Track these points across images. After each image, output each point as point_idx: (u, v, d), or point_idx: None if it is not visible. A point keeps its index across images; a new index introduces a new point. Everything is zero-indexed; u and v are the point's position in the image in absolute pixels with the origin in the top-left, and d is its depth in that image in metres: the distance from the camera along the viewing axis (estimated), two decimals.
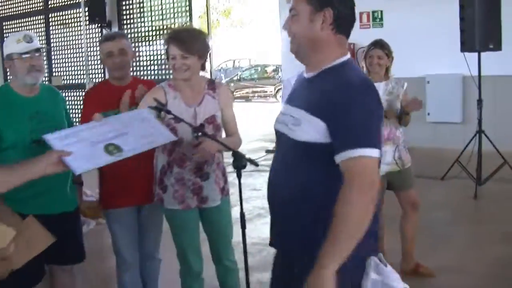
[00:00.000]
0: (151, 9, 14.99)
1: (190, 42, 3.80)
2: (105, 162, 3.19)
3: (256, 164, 3.51)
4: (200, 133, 3.69)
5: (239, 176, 3.46)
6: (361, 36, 11.03)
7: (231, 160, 3.46)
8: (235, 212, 7.28)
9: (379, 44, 5.11)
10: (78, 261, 4.22)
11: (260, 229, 6.85)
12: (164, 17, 14.66)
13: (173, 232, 4.10)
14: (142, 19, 15.12)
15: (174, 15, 14.41)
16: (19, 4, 17.89)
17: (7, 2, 18.25)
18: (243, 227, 3.53)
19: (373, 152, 2.23)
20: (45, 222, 3.01)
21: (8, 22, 18.31)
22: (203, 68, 3.99)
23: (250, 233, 6.63)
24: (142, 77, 13.96)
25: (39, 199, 3.79)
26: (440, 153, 10.12)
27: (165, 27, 14.60)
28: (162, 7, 14.65)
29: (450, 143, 10.25)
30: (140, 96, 4.01)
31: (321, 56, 2.47)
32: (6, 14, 18.35)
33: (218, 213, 4.10)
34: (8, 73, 3.98)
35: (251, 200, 8.15)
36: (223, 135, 4.17)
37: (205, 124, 3.91)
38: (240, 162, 3.41)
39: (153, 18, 14.99)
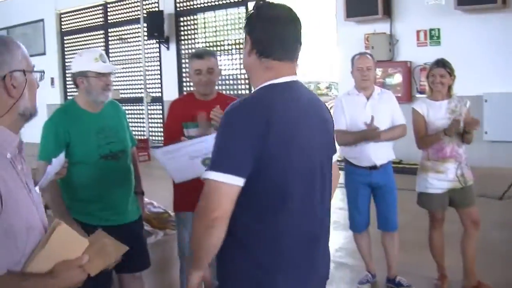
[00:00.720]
0: (207, 25, 15.24)
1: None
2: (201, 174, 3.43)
3: None
4: None
5: None
6: (418, 54, 11.20)
7: None
8: None
9: (442, 63, 5.15)
10: (144, 268, 4.29)
11: None
12: (221, 33, 14.88)
13: None
14: (198, 35, 15.37)
15: (231, 31, 14.63)
16: (80, 19, 18.40)
17: (69, 17, 18.74)
18: None
19: (219, 177, 2.23)
20: (113, 232, 3.10)
21: (70, 37, 18.82)
22: None
23: None
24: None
25: (106, 212, 3.92)
26: (498, 173, 10.01)
27: (221, 43, 14.84)
28: (217, 24, 14.89)
29: (508, 162, 10.16)
30: (214, 117, 4.10)
31: (254, 80, 2.53)
32: (67, 29, 18.85)
33: None
34: (77, 89, 4.03)
35: None
36: None
37: None
38: None
39: (208, 35, 15.24)
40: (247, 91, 14.28)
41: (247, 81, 14.27)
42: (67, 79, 18.98)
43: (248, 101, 2.38)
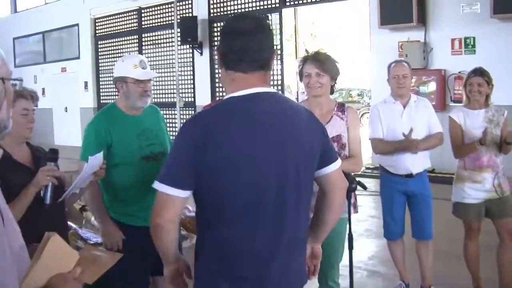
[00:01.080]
0: None
1: (325, 61, 4.04)
2: None
3: (365, 187, 3.59)
4: None
5: (348, 198, 3.54)
6: (452, 63, 11.10)
7: None
8: None
9: (479, 72, 5.11)
10: None
11: (358, 251, 6.86)
12: None
13: None
14: None
15: None
16: (114, 24, 18.56)
17: (103, 22, 18.94)
18: (351, 248, 3.60)
19: (163, 188, 2.41)
20: (149, 234, 3.17)
21: (104, 41, 19.01)
22: (332, 91, 4.19)
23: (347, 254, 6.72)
24: None
25: (145, 212, 3.94)
26: None
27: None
28: None
29: None
30: None
31: (226, 93, 2.56)
32: (101, 34, 19.05)
33: (332, 231, 4.08)
34: (118, 92, 4.08)
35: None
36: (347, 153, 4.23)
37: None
38: (350, 185, 3.47)
39: None
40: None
41: (279, 87, 14.27)
42: (101, 83, 19.19)
43: (195, 116, 2.51)
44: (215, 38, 15.60)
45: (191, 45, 15.56)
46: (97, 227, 4.86)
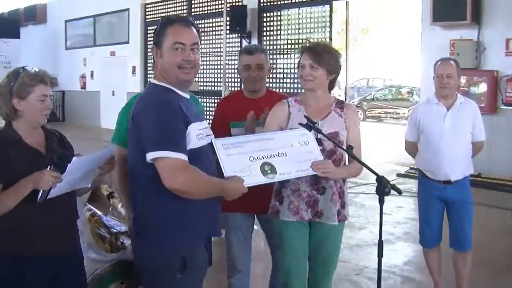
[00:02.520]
0: (291, 22, 15.08)
1: (321, 54, 3.73)
2: (256, 182, 3.26)
3: (400, 192, 3.36)
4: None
5: (381, 202, 3.34)
6: (506, 64, 10.70)
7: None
8: (363, 236, 7.30)
9: None
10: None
11: (387, 256, 6.58)
12: (303, 31, 14.69)
13: (281, 250, 3.93)
14: (281, 32, 15.22)
15: (314, 29, 14.42)
16: (164, 10, 18.56)
17: (154, 8, 18.96)
18: (380, 255, 3.39)
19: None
20: None
21: (153, 27, 18.94)
22: (331, 86, 3.90)
23: (377, 258, 6.49)
24: (276, 89, 14.07)
25: None
26: None
27: (304, 41, 14.61)
28: (301, 21, 14.69)
29: None
30: (263, 120, 4.03)
31: None
32: (151, 19, 19.07)
33: (328, 236, 3.87)
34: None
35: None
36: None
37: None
38: (384, 188, 3.28)
39: (291, 32, 15.07)
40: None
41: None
42: (148, 68, 19.21)
43: None
44: (264, 28, 15.44)
45: (239, 34, 15.43)
46: (123, 215, 4.76)
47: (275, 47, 15.16)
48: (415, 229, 7.02)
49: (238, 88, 15.53)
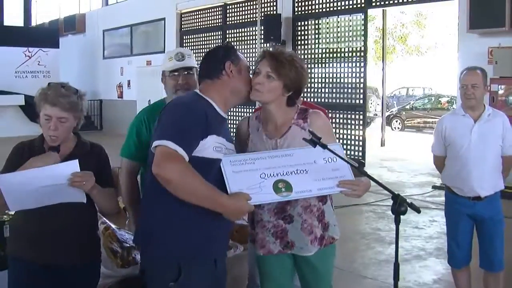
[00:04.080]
0: (326, 31, 14.88)
1: (283, 63, 3.25)
2: (266, 200, 3.07)
3: (418, 211, 3.11)
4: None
5: (397, 223, 3.08)
6: None
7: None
8: (393, 251, 7.03)
9: None
10: None
11: (417, 272, 6.37)
12: (339, 40, 14.48)
13: (262, 282, 3.61)
14: (317, 41, 15.03)
15: (349, 38, 14.20)
16: (199, 19, 18.59)
17: (189, 17, 19.02)
18: (396, 279, 3.15)
19: None
20: None
21: (189, 36, 19.05)
22: (290, 102, 3.38)
23: (406, 275, 6.24)
24: (313, 100, 13.91)
25: None
26: None
27: (339, 50, 14.41)
28: (337, 30, 14.48)
29: None
30: None
31: None
32: (187, 29, 19.10)
33: (313, 265, 3.46)
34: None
35: (411, 239, 7.65)
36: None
37: None
38: (399, 207, 3.02)
39: (327, 41, 14.87)
40: (362, 101, 13.79)
41: (361, 90, 13.79)
42: None
43: None
44: (299, 37, 15.27)
45: (274, 44, 15.27)
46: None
47: (310, 56, 14.95)
48: (445, 245, 6.76)
49: None
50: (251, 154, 3.20)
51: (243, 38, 16.93)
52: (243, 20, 16.89)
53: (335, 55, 14.47)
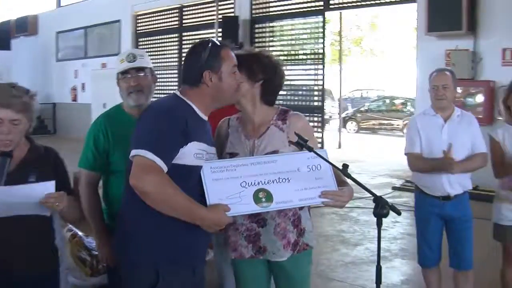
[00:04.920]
0: (284, 33, 14.93)
1: (243, 57, 3.23)
2: (245, 211, 3.01)
3: (399, 213, 3.11)
4: None
5: (378, 225, 3.08)
6: (502, 74, 10.51)
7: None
8: (359, 252, 7.07)
9: None
10: None
11: (385, 273, 6.29)
12: (297, 42, 14.55)
13: (236, 286, 3.57)
14: (274, 43, 15.06)
15: (306, 41, 14.28)
16: (155, 21, 18.47)
17: (145, 19, 18.87)
18: (378, 282, 3.15)
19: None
20: None
21: (144, 38, 18.90)
22: (267, 100, 3.34)
23: (374, 277, 6.25)
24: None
25: None
26: None
27: (297, 52, 14.48)
28: (295, 33, 14.56)
29: None
30: None
31: None
32: (142, 31, 18.95)
33: (287, 272, 3.38)
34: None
35: (375, 240, 7.67)
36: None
37: None
38: (382, 210, 3.00)
39: (284, 43, 14.92)
40: (320, 103, 13.90)
41: (319, 92, 13.85)
42: None
43: None
44: (257, 40, 15.28)
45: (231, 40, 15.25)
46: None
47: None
48: (412, 245, 6.81)
49: None
50: (233, 160, 3.12)
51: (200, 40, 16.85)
52: (200, 22, 16.81)
53: (293, 57, 14.53)
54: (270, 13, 14.96)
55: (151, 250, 2.93)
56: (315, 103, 14.03)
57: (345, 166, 3.06)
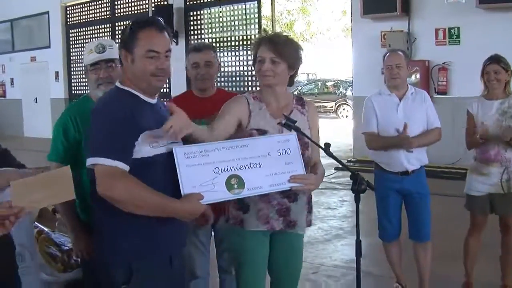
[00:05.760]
0: (217, 20, 14.93)
1: (283, 46, 3.36)
2: (219, 199, 2.97)
3: (373, 188, 3.24)
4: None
5: (357, 201, 3.20)
6: (436, 53, 10.90)
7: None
8: (312, 232, 7.20)
9: (495, 59, 4.86)
10: None
11: (341, 251, 6.59)
12: (230, 29, 14.58)
13: (240, 262, 3.55)
14: (210, 30, 15.05)
15: (240, 27, 14.32)
16: (86, 12, 18.14)
17: (75, 10, 18.51)
18: (358, 255, 3.28)
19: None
20: None
21: (75, 30, 18.55)
22: (291, 82, 3.55)
23: (331, 254, 6.44)
24: None
25: None
26: None
27: (233, 38, 14.52)
28: (230, 19, 14.56)
29: None
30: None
31: None
32: (73, 22, 18.59)
33: (293, 248, 3.61)
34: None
35: (327, 220, 7.88)
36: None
37: None
38: (360, 186, 3.12)
39: (219, 30, 14.93)
40: (253, 88, 14.00)
41: (252, 78, 13.95)
42: (72, 73, 18.71)
43: None
44: (192, 27, 15.24)
45: None
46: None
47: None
48: (364, 222, 6.98)
49: (167, 90, 15.31)
50: (205, 145, 3.05)
51: None
52: (133, 12, 16.61)
53: (228, 43, 14.56)
54: (204, 1, 14.91)
55: (120, 245, 2.86)
56: (250, 88, 14.10)
57: (327, 145, 3.17)
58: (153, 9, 14.92)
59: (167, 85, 15.73)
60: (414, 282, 5.09)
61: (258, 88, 3.57)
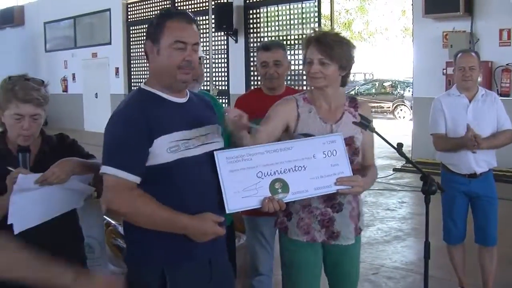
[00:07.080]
0: (277, 19, 14.93)
1: (333, 46, 3.17)
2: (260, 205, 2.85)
3: (443, 190, 3.22)
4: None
5: (427, 202, 3.18)
6: (500, 54, 10.67)
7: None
8: (372, 233, 7.17)
9: None
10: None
11: (401, 252, 6.53)
12: (290, 27, 14.57)
13: (288, 272, 3.46)
14: (269, 29, 15.07)
15: (300, 26, 14.30)
16: (147, 9, 18.33)
17: (136, 7, 18.75)
18: (427, 257, 3.26)
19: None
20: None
21: (136, 27, 18.80)
22: (343, 83, 3.37)
23: (391, 256, 6.39)
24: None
25: None
26: None
27: (291, 37, 14.51)
28: (290, 18, 14.55)
29: None
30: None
31: None
32: (133, 19, 18.85)
33: (346, 254, 3.42)
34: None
35: (386, 221, 7.82)
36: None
37: None
38: (430, 187, 3.11)
39: (278, 28, 14.93)
40: (308, 88, 13.95)
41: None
42: (132, 69, 18.99)
43: None
44: (251, 26, 15.30)
45: (225, 32, 15.28)
46: None
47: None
48: (422, 224, 6.94)
49: (226, 88, 15.40)
50: (248, 148, 2.92)
51: None
52: (194, 9, 16.69)
53: (287, 42, 14.55)
54: None
55: (154, 251, 2.72)
56: (305, 88, 14.06)
57: (400, 145, 3.14)
58: (213, 6, 15.00)
59: (226, 82, 15.85)
60: (477, 287, 5.02)
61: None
